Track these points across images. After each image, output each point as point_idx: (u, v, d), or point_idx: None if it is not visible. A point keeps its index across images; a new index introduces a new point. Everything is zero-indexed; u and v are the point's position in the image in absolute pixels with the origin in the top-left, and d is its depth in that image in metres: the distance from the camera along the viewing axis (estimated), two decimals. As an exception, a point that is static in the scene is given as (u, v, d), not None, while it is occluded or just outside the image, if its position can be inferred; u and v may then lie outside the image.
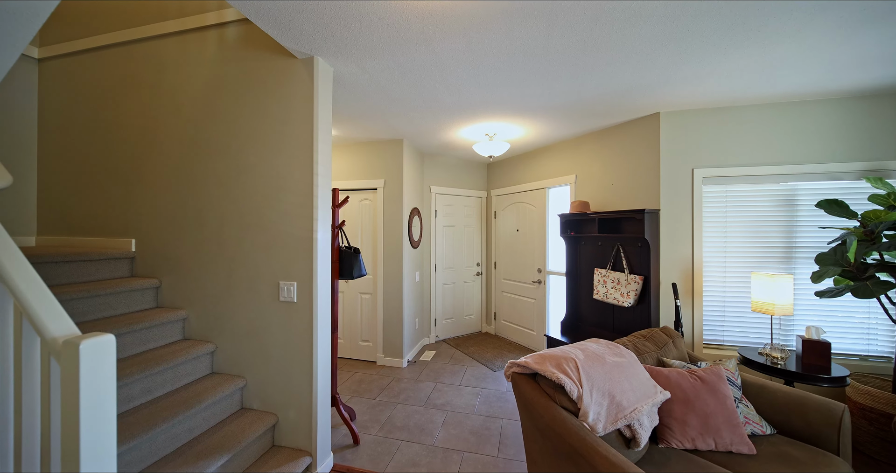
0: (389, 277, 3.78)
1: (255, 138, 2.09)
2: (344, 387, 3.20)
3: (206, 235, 2.18)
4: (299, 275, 2.00)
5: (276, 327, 2.05)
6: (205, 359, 2.13)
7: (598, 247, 3.29)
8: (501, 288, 4.76)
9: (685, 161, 2.82)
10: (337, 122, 3.19)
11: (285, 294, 2.01)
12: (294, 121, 2.02)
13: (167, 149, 2.27)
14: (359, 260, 2.41)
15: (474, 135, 3.59)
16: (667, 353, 2.07)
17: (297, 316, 2.01)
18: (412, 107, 2.81)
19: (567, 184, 3.75)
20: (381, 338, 3.80)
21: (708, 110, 2.78)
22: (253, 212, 2.09)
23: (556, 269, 3.98)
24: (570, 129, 3.41)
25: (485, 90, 2.46)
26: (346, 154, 3.94)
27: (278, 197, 2.04)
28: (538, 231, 4.14)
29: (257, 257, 2.08)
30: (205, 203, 2.18)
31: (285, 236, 2.03)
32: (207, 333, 2.18)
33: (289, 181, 2.02)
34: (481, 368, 3.69)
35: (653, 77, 2.24)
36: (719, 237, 2.77)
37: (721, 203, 2.77)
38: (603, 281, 3.14)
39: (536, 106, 2.76)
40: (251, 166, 2.09)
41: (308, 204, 1.99)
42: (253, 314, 2.09)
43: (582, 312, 3.46)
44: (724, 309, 2.77)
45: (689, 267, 2.80)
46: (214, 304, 2.16)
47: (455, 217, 4.76)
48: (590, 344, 1.85)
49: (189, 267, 2.21)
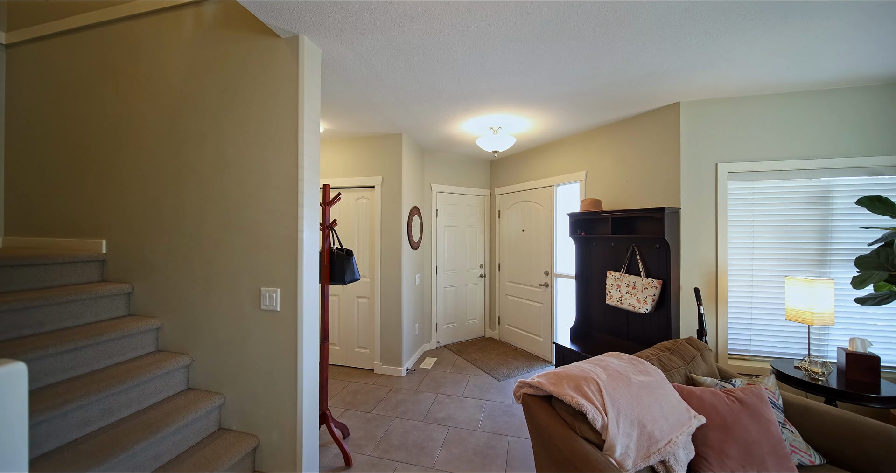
0: (388, 280, 3.56)
1: (235, 128, 1.88)
2: (337, 399, 2.98)
3: (183, 236, 1.97)
4: (283, 281, 1.79)
5: (258, 338, 1.84)
6: (179, 374, 1.92)
7: (610, 249, 3.06)
8: (506, 291, 4.53)
9: (708, 155, 2.59)
10: (330, 115, 2.98)
11: (267, 301, 1.80)
12: (277, 109, 1.81)
13: (142, 142, 2.06)
14: (352, 262, 2.20)
15: (478, 129, 3.37)
16: (695, 369, 1.85)
17: (280, 326, 1.80)
18: (411, 98, 2.59)
19: (577, 182, 3.53)
20: (378, 345, 3.58)
21: (733, 99, 2.55)
22: (233, 210, 1.88)
23: (564, 272, 3.75)
24: (581, 122, 3.18)
25: (491, 77, 2.24)
26: (341, 150, 3.73)
27: (260, 193, 1.83)
28: (545, 231, 3.92)
29: (237, 260, 1.87)
30: (182, 200, 1.97)
31: (268, 237, 1.82)
32: (183, 344, 1.97)
33: (272, 175, 1.81)
34: (485, 377, 3.46)
35: (676, 60, 2.02)
36: (746, 238, 2.54)
37: (747, 200, 2.54)
38: (616, 285, 2.91)
39: (546, 95, 2.54)
40: (231, 159, 1.88)
41: (293, 200, 1.78)
42: (232, 323, 1.88)
43: (593, 318, 3.23)
44: (750, 317, 2.53)
45: (713, 271, 2.57)
46: (191, 312, 1.95)
47: (457, 216, 4.54)
48: (610, 360, 1.63)
49: (164, 272, 2.00)
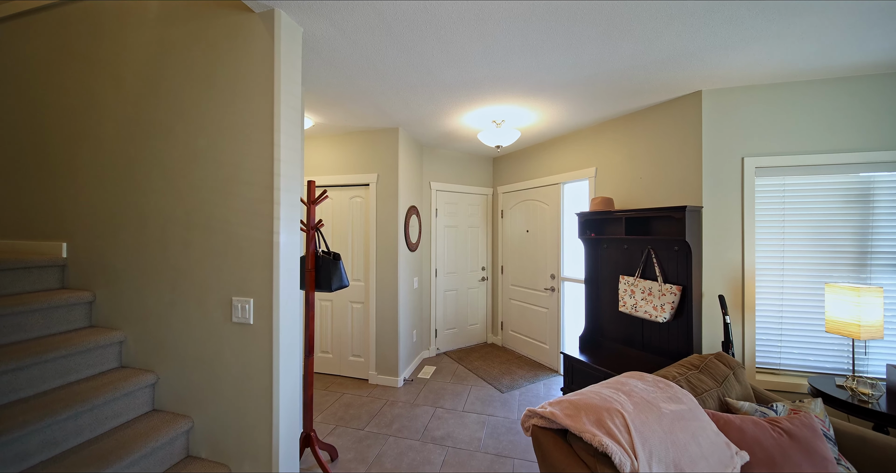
0: (383, 284, 3.34)
1: (204, 117, 1.66)
2: (328, 413, 2.76)
3: (148, 238, 1.75)
4: (257, 290, 1.57)
5: (229, 355, 1.62)
6: (143, 394, 1.70)
7: (623, 251, 2.83)
8: (509, 295, 4.30)
9: (733, 148, 2.35)
10: (319, 107, 2.76)
11: (239, 313, 1.58)
12: (250, 94, 1.59)
13: (105, 133, 1.85)
14: (339, 267, 1.98)
15: (479, 123, 3.15)
16: (729, 390, 1.61)
17: (254, 341, 1.58)
18: (405, 85, 2.37)
19: (585, 179, 3.29)
20: (373, 354, 3.36)
21: (760, 87, 2.31)
22: (202, 208, 1.66)
23: (572, 276, 3.52)
24: (591, 115, 2.95)
25: (493, 61, 2.01)
26: (333, 145, 3.52)
27: (231, 189, 1.61)
28: (551, 232, 3.68)
29: (207, 266, 1.65)
30: (147, 198, 1.76)
31: (239, 240, 1.60)
32: (149, 360, 1.75)
33: (244, 169, 1.59)
34: (487, 388, 3.24)
35: (702, 39, 1.78)
36: (775, 239, 2.30)
37: (777, 198, 2.30)
38: (630, 290, 2.68)
39: (555, 82, 2.31)
40: (200, 152, 1.67)
41: (267, 198, 1.56)
42: (201, 338, 1.66)
43: (604, 326, 3.00)
44: (780, 327, 2.29)
45: (738, 276, 2.33)
46: (157, 324, 1.73)
47: (457, 216, 4.31)
48: (633, 383, 1.40)
49: (127, 278, 1.79)
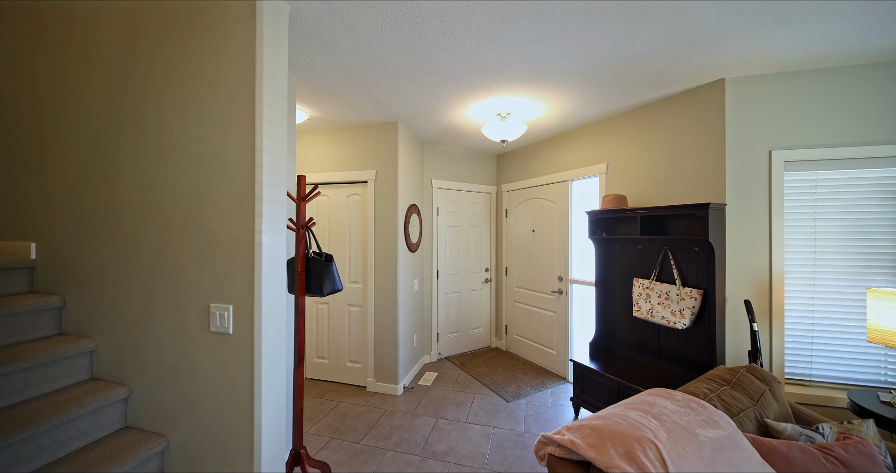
0: (382, 286, 3.18)
1: (179, 103, 1.50)
2: (323, 424, 2.60)
3: (121, 238, 1.59)
4: (237, 296, 1.41)
5: (207, 368, 1.46)
6: (113, 410, 1.54)
7: (637, 252, 2.65)
8: (514, 297, 4.13)
9: (759, 141, 2.17)
10: (313, 99, 2.60)
11: (217, 322, 1.42)
12: (230, 77, 1.43)
13: (77, 124, 1.69)
14: (331, 270, 1.82)
15: (483, 116, 2.98)
16: (766, 410, 1.44)
17: (234, 352, 1.42)
18: (404, 73, 2.21)
19: (595, 176, 3.12)
20: (372, 360, 3.19)
21: (790, 74, 2.13)
22: (177, 205, 1.50)
23: (581, 278, 3.34)
24: (603, 107, 2.77)
25: (500, 45, 1.84)
26: (329, 141, 3.35)
27: (210, 184, 1.45)
28: (559, 232, 3.51)
29: (183, 269, 1.49)
30: (120, 194, 1.60)
31: (219, 239, 1.44)
32: (121, 372, 1.59)
33: (223, 161, 1.43)
34: (491, 397, 3.06)
35: (733, 17, 1.61)
36: (806, 239, 2.12)
37: (808, 195, 2.12)
38: (646, 294, 2.50)
39: (566, 70, 2.14)
40: (176, 143, 1.51)
41: (248, 193, 1.40)
42: (177, 348, 1.50)
43: (616, 331, 2.82)
44: (811, 334, 2.11)
45: (765, 279, 2.15)
46: (130, 333, 1.58)
47: (460, 215, 4.14)
48: (662, 403, 1.23)
49: (100, 281, 1.63)
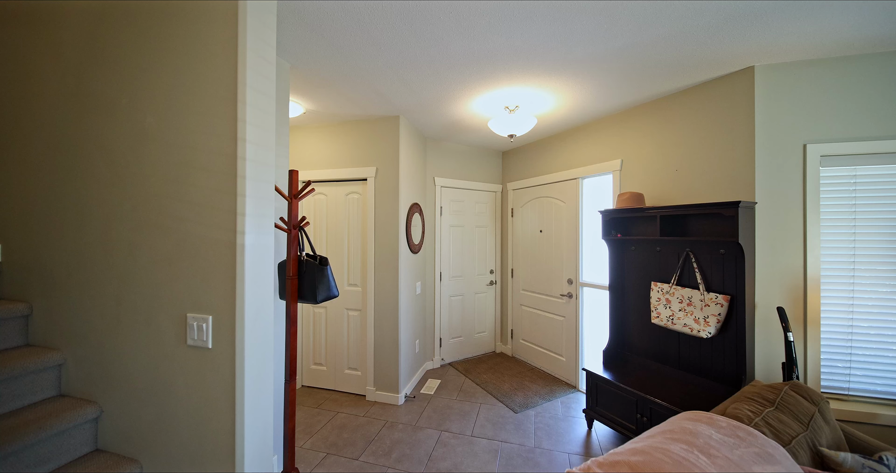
0: (383, 289, 3.01)
1: (153, 87, 1.33)
2: (318, 438, 2.43)
3: (89, 239, 1.43)
4: (216, 305, 1.24)
5: (183, 387, 1.29)
6: (81, 432, 1.38)
7: (655, 254, 2.48)
8: (520, 300, 3.95)
9: (793, 134, 2.00)
10: (308, 90, 2.43)
11: (195, 335, 1.25)
12: (208, 57, 1.26)
13: (42, 111, 1.53)
14: (326, 275, 1.65)
15: (490, 109, 2.81)
16: (818, 435, 1.26)
17: (213, 369, 1.25)
18: (406, 61, 2.03)
19: (609, 173, 2.94)
20: (371, 367, 3.03)
21: (828, 61, 1.95)
22: (151, 202, 1.33)
23: (592, 281, 3.17)
24: (619, 98, 2.60)
25: (512, 27, 1.67)
26: (327, 136, 3.18)
27: (186, 177, 1.29)
28: (568, 232, 3.34)
29: (157, 274, 1.32)
30: (88, 189, 1.43)
31: (196, 241, 1.27)
32: (91, 389, 1.43)
33: (201, 152, 1.27)
34: (498, 407, 2.90)
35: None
36: (845, 240, 1.94)
37: (847, 192, 1.95)
38: (665, 300, 2.33)
39: (582, 56, 1.97)
40: (149, 132, 1.34)
41: (228, 189, 1.23)
42: (151, 363, 1.33)
43: (631, 339, 2.65)
44: (850, 345, 1.94)
45: (799, 285, 1.98)
46: (100, 345, 1.41)
47: (464, 215, 3.97)
48: (706, 431, 1.06)
49: (67, 287, 1.47)
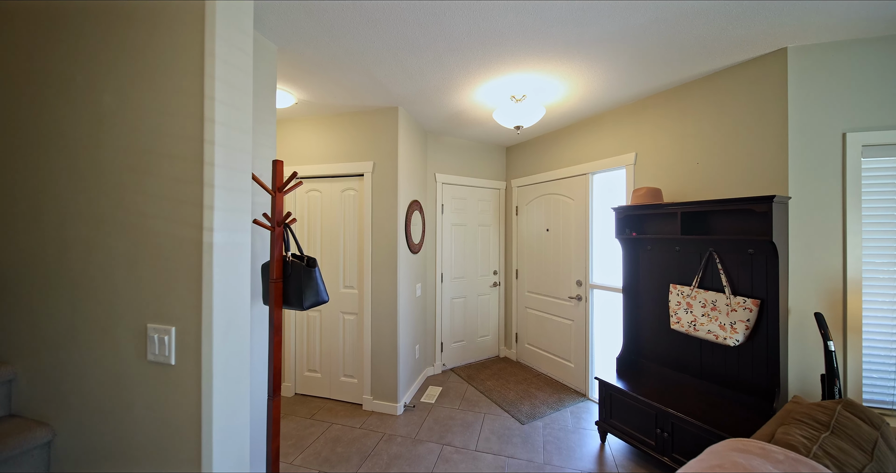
0: (380, 291, 2.83)
1: (112, 62, 1.16)
2: (310, 453, 2.26)
3: (43, 238, 1.25)
4: (180, 314, 1.07)
5: (143, 408, 1.11)
6: (32, 458, 1.20)
7: (674, 255, 2.30)
8: (525, 303, 3.77)
9: (830, 122, 1.81)
10: (299, 77, 2.26)
11: (156, 348, 1.08)
12: (173, 27, 1.08)
13: (-5, 95, 1.36)
14: (314, 278, 1.47)
15: (495, 98, 2.63)
16: (885, 465, 1.08)
17: (176, 389, 1.07)
18: (404, 42, 1.86)
19: (622, 167, 2.76)
20: (369, 374, 2.85)
21: (869, 41, 1.77)
22: (109, 195, 1.16)
23: (603, 282, 2.98)
24: (634, 86, 2.41)
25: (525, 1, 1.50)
26: (321, 129, 3.01)
27: (149, 166, 1.11)
28: (577, 231, 3.15)
29: (115, 278, 1.14)
30: (41, 181, 1.26)
31: (159, 239, 1.09)
32: (44, 408, 1.25)
33: (165, 136, 1.09)
34: (504, 418, 2.71)
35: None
36: (889, 239, 1.76)
37: (891, 185, 1.76)
38: (686, 304, 2.15)
39: (599, 35, 1.78)
40: (108, 113, 1.16)
41: (195, 178, 1.05)
42: (107, 381, 1.16)
43: (646, 345, 2.46)
44: (895, 354, 1.76)
45: (838, 287, 1.79)
46: (54, 359, 1.24)
47: (466, 213, 3.79)
48: (760, 466, 0.88)
49: (18, 293, 1.29)
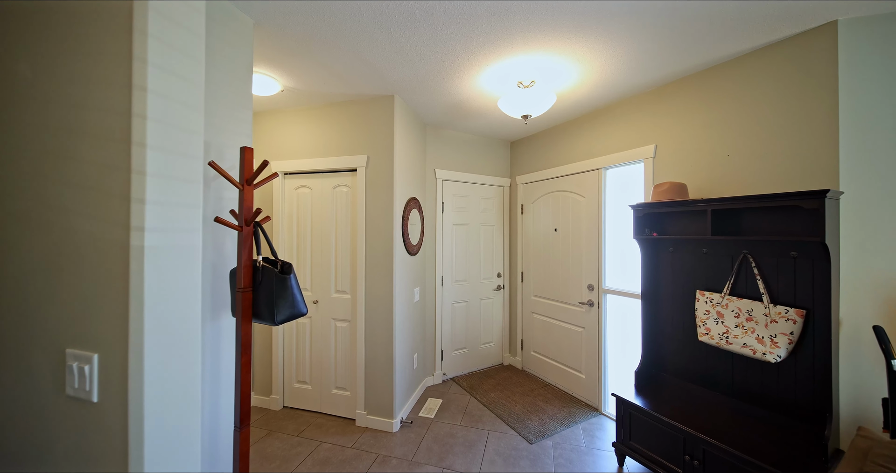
0: (375, 296, 2.61)
1: (27, 22, 0.94)
2: (295, 477, 2.04)
3: (-45, 239, 1.04)
4: (104, 337, 0.84)
5: (62, 452, 0.89)
6: (-68, 509, 0.98)
7: (701, 257, 2.06)
8: (531, 308, 3.54)
9: (890, 106, 1.57)
10: (283, 59, 2.03)
11: (75, 381, 0.85)
12: (98, -29, 0.86)
13: None
14: (289, 286, 1.24)
15: (500, 85, 2.39)
16: None
17: (99, 432, 0.85)
18: (399, 16, 1.62)
19: (639, 161, 2.52)
20: (362, 387, 2.62)
21: (935, 10, 1.53)
22: (23, 186, 0.94)
23: (618, 287, 2.75)
24: (655, 69, 2.17)
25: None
26: (310, 120, 2.78)
27: (69, 150, 0.89)
28: (588, 231, 2.92)
29: (30, 291, 0.92)
30: (-44, 171, 1.04)
31: (80, 241, 0.87)
32: (-45, 445, 1.04)
33: (91, 111, 0.87)
34: (509, 435, 2.48)
35: None
36: (960, 242, 1.52)
37: (963, 179, 1.52)
38: (716, 312, 1.91)
39: (618, 8, 1.55)
40: (23, 85, 0.94)
41: (121, 163, 0.83)
42: (24, 417, 0.93)
43: (669, 358, 2.22)
44: (966, 375, 1.51)
45: None
46: (-34, 386, 1.02)
47: (468, 212, 3.56)
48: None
49: (-71, 305, 1.07)
